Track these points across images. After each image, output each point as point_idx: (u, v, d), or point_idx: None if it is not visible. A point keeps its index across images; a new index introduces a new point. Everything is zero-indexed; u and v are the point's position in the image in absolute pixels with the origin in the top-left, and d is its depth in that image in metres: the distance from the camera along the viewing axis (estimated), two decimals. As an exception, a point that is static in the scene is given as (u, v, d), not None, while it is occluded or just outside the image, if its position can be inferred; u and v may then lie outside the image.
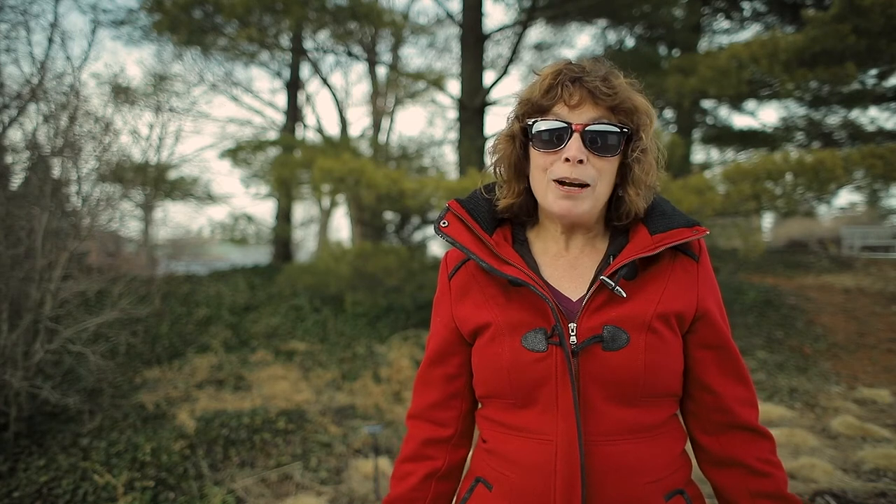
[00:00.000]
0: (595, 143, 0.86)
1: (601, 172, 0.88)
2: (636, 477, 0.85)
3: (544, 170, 0.89)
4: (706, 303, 0.91)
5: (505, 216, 1.00)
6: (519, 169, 0.95)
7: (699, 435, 0.96)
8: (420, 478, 1.00)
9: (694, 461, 0.98)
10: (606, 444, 0.85)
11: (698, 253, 0.94)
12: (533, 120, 0.89)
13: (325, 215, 16.65)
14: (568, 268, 0.95)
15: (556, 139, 0.87)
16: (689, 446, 0.98)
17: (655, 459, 0.87)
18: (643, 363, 0.84)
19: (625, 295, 0.86)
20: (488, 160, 1.01)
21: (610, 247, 0.94)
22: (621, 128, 0.87)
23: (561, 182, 0.87)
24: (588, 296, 0.87)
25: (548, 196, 0.89)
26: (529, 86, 0.92)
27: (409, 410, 1.07)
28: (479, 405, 1.02)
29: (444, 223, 0.97)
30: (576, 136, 0.85)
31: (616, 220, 0.95)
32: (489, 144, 1.01)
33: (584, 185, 0.86)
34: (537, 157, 0.90)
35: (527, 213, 1.00)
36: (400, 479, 1.02)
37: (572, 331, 0.86)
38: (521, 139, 0.94)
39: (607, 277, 0.86)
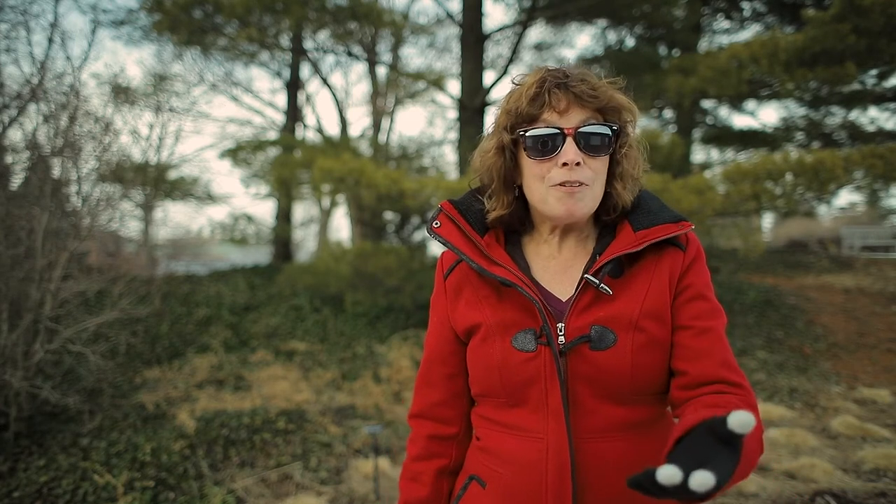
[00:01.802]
0: (588, 144, 0.87)
1: (596, 173, 0.89)
2: (626, 473, 0.85)
3: (541, 178, 0.89)
4: (686, 281, 0.90)
5: (496, 226, 1.00)
6: (509, 180, 0.95)
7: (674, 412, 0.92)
8: (433, 476, 1.01)
9: None
10: (596, 441, 0.86)
11: (685, 244, 0.93)
12: (523, 129, 0.89)
13: (325, 215, 16.65)
14: (559, 269, 0.95)
15: (550, 146, 0.87)
16: None
17: (646, 456, 0.87)
18: (630, 363, 0.85)
19: (611, 292, 0.87)
20: (474, 169, 1.00)
21: (596, 246, 0.95)
22: (610, 126, 0.88)
23: (561, 185, 0.87)
24: (575, 295, 0.88)
25: (549, 201, 0.89)
26: (512, 96, 0.92)
27: (410, 410, 1.08)
28: (475, 403, 1.03)
29: (436, 224, 0.98)
30: (569, 140, 0.86)
31: (605, 215, 0.96)
32: (475, 155, 1.00)
33: (585, 184, 0.87)
34: (532, 165, 0.90)
35: (519, 221, 1.00)
36: (411, 480, 1.03)
37: (560, 331, 0.87)
38: (511, 150, 0.93)
39: (591, 275, 0.87)
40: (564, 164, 0.86)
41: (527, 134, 0.89)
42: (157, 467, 3.32)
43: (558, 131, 0.86)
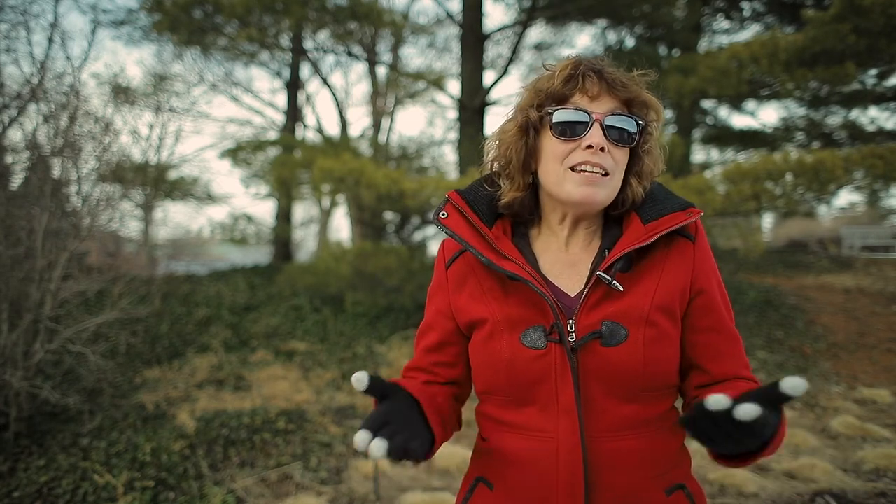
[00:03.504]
0: (614, 133, 0.87)
1: (617, 163, 0.88)
2: (637, 472, 0.85)
3: (561, 159, 0.88)
4: (701, 283, 0.91)
5: (505, 213, 0.98)
6: (527, 162, 0.93)
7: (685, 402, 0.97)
8: (420, 384, 0.96)
9: (693, 456, 0.97)
10: (607, 439, 0.84)
11: (694, 234, 0.93)
12: (553, 108, 0.88)
13: (325, 215, 16.66)
14: (567, 264, 0.94)
15: (577, 127, 0.87)
16: (687, 441, 0.97)
17: (656, 454, 0.87)
18: (642, 358, 0.84)
19: (622, 289, 0.86)
20: (489, 154, 0.99)
21: (604, 240, 0.94)
22: (637, 120, 0.88)
23: (578, 169, 0.86)
24: (585, 292, 0.87)
25: (565, 185, 0.88)
26: (543, 77, 0.92)
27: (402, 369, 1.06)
28: (479, 401, 1.01)
29: (443, 214, 0.96)
30: (597, 125, 0.86)
31: (612, 209, 0.95)
32: (490, 139, 1.00)
33: (605, 173, 0.87)
34: (555, 145, 0.89)
35: (528, 210, 0.98)
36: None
37: (571, 327, 0.85)
38: (536, 127, 0.92)
39: (603, 272, 0.86)
40: (589, 147, 0.85)
41: (555, 112, 0.88)
42: (157, 467, 3.31)
43: (587, 114, 0.86)
